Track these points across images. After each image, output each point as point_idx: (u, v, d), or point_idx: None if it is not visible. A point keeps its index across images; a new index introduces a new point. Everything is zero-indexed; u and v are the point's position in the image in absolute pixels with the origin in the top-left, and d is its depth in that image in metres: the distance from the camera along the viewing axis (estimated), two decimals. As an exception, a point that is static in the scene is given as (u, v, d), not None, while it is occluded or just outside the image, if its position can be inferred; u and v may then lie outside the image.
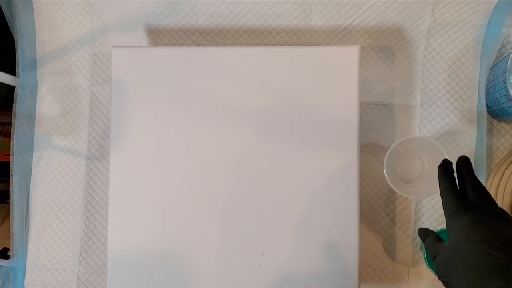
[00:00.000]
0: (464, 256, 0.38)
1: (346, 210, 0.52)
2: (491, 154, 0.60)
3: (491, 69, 0.59)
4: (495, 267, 0.36)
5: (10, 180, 0.64)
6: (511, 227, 0.39)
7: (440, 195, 0.43)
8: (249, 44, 0.64)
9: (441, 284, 0.43)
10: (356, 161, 0.52)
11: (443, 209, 0.42)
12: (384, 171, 0.54)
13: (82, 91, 0.66)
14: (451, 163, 0.44)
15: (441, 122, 0.61)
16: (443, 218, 0.42)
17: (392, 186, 0.54)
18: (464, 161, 0.43)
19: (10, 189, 0.64)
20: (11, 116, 0.64)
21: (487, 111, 0.60)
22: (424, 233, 0.46)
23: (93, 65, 0.66)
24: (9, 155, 0.64)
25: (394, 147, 0.54)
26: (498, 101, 0.56)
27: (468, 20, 0.61)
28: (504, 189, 0.57)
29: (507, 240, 0.37)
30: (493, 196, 0.57)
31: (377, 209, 0.61)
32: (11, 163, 0.64)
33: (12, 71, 0.64)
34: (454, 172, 0.43)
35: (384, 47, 0.62)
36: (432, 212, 0.61)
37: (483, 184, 0.43)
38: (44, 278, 0.64)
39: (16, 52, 0.65)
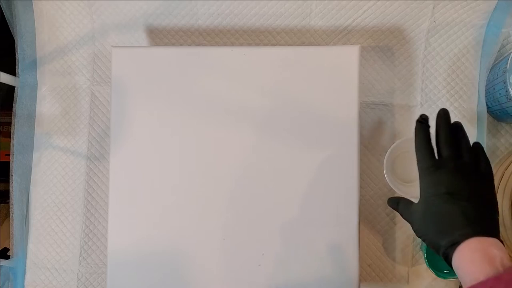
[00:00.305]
0: (433, 209, 0.39)
1: (346, 210, 0.52)
2: (491, 154, 0.60)
3: (491, 69, 0.59)
4: (463, 215, 0.37)
5: (10, 180, 0.64)
6: (478, 180, 0.40)
7: (415, 151, 0.43)
8: (249, 44, 0.64)
9: (441, 284, 0.43)
10: (356, 161, 0.52)
11: (417, 165, 0.43)
12: (384, 171, 0.54)
13: (82, 91, 0.66)
14: (427, 118, 0.44)
15: (441, 122, 0.61)
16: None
17: (392, 186, 0.54)
18: (441, 115, 0.43)
19: (10, 189, 0.64)
20: (11, 116, 0.64)
21: (487, 111, 0.60)
22: (395, 201, 0.46)
23: (93, 65, 0.66)
24: (9, 155, 0.64)
25: (394, 147, 0.54)
26: (498, 101, 0.56)
27: (468, 20, 0.61)
28: (504, 189, 0.57)
29: (471, 192, 0.39)
30: (493, 196, 0.57)
31: (377, 209, 0.61)
32: (11, 163, 0.64)
33: (12, 71, 0.64)
34: (430, 127, 0.44)
35: (384, 47, 0.62)
36: (432, 212, 0.61)
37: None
38: (44, 278, 0.64)
39: (16, 52, 0.65)
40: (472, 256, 0.35)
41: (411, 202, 0.44)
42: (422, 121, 0.44)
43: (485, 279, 0.33)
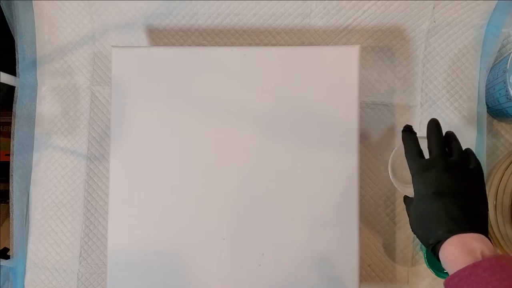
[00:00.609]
0: (422, 209, 0.42)
1: (346, 210, 0.52)
2: (491, 154, 0.60)
3: (491, 69, 0.59)
4: (448, 213, 0.39)
5: (10, 180, 0.64)
6: (466, 177, 0.42)
7: (405, 156, 0.46)
8: (249, 44, 0.64)
9: (441, 284, 0.44)
10: (356, 161, 0.52)
11: (409, 168, 0.45)
12: (390, 172, 0.53)
13: (82, 91, 0.66)
14: (411, 126, 0.47)
15: (441, 122, 0.60)
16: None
17: (397, 187, 0.53)
18: (433, 124, 0.46)
19: (10, 189, 0.64)
20: (11, 116, 0.64)
21: (487, 111, 0.60)
22: (405, 199, 0.50)
23: (93, 65, 0.66)
24: (9, 155, 0.64)
25: (399, 148, 0.53)
26: (498, 101, 0.56)
27: (468, 20, 0.61)
28: (504, 189, 0.57)
29: (458, 190, 0.41)
30: (493, 196, 0.57)
31: (377, 209, 0.61)
32: (11, 163, 0.64)
33: (12, 71, 0.64)
34: (415, 134, 0.47)
35: (384, 47, 0.62)
36: (432, 212, 0.61)
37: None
38: (44, 278, 0.64)
39: (16, 52, 0.65)
40: (455, 251, 0.37)
41: (410, 201, 0.46)
42: (407, 129, 0.47)
43: (464, 266, 0.35)
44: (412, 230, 0.44)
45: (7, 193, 0.64)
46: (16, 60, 0.65)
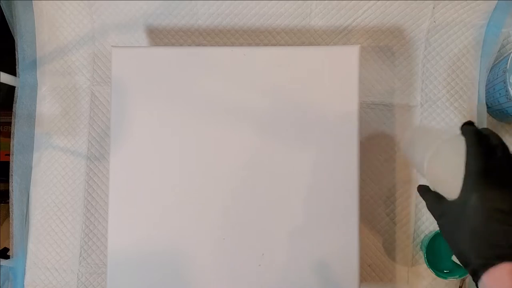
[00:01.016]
0: (473, 221, 0.35)
1: (346, 210, 0.52)
2: (491, 154, 0.60)
3: (491, 69, 0.59)
4: (505, 236, 0.34)
5: (10, 180, 0.64)
6: None
7: (466, 152, 0.37)
8: (249, 44, 0.64)
9: (441, 284, 0.43)
10: (356, 161, 0.52)
11: (465, 167, 0.37)
12: (424, 167, 0.47)
13: (82, 91, 0.66)
14: (472, 122, 0.40)
15: (441, 122, 0.61)
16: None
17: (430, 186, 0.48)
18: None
19: (10, 189, 0.64)
20: (11, 116, 0.64)
21: (487, 111, 0.60)
22: (423, 190, 0.42)
23: (93, 65, 0.66)
24: (9, 155, 0.64)
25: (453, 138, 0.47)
26: (498, 101, 0.56)
27: (468, 20, 0.61)
28: (504, 189, 0.56)
29: None
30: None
31: (377, 209, 0.61)
32: (11, 163, 0.64)
33: (12, 71, 0.64)
34: (477, 127, 0.39)
35: (384, 47, 0.62)
36: (432, 212, 0.61)
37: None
38: (44, 278, 0.64)
39: (16, 52, 0.65)
40: (505, 279, 0.33)
41: (442, 198, 0.39)
42: (468, 123, 0.40)
43: None
44: (444, 235, 0.39)
45: (7, 193, 0.64)
46: (16, 60, 0.65)
